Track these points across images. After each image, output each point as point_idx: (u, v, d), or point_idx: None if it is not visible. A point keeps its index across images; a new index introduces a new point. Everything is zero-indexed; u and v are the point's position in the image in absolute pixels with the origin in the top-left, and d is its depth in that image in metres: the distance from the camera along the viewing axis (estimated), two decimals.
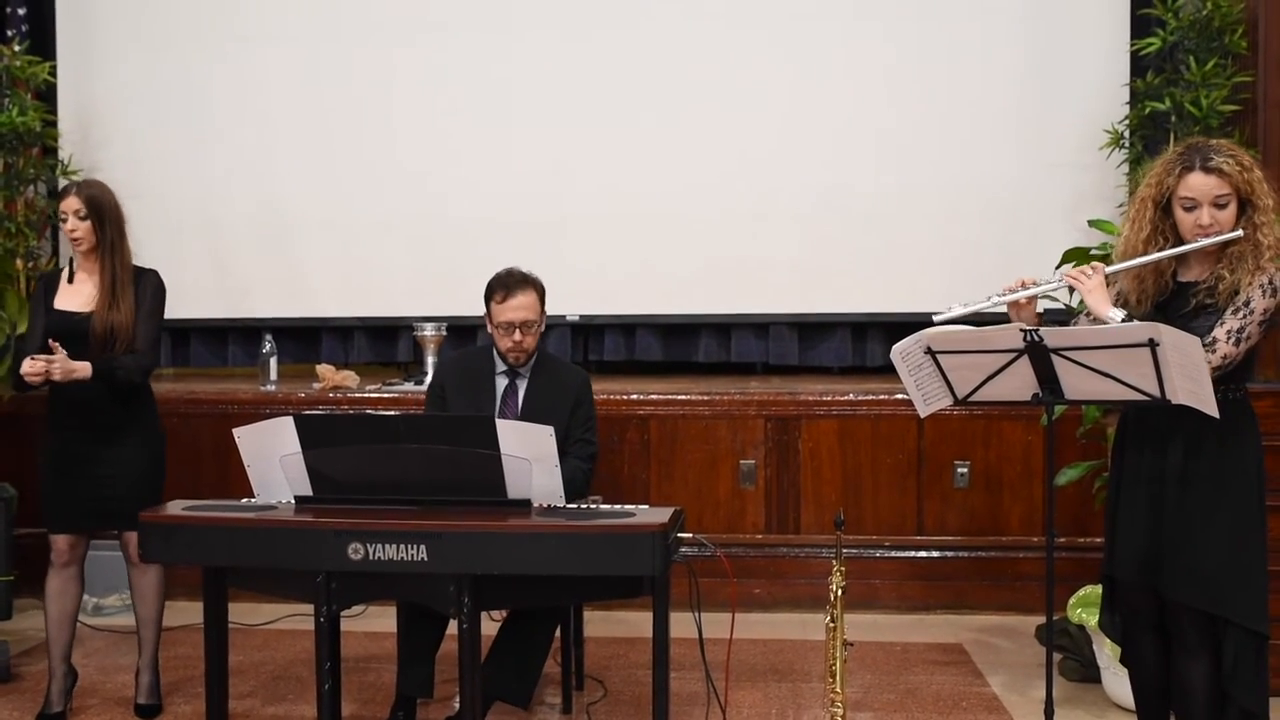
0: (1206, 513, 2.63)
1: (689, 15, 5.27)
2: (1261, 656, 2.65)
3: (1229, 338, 2.56)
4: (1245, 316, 2.57)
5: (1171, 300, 2.70)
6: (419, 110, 5.37)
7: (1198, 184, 2.60)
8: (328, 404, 4.73)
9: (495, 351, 3.51)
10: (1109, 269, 2.71)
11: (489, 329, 3.49)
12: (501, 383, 3.50)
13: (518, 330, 3.41)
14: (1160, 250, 2.67)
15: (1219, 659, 2.66)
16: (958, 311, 2.78)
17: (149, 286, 3.48)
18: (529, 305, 3.42)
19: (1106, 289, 2.67)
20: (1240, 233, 2.59)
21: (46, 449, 3.46)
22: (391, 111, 5.39)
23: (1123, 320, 2.61)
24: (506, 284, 3.43)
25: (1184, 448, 2.64)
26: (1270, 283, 2.58)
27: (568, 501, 3.03)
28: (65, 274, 3.50)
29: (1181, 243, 2.66)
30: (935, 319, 2.80)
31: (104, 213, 3.42)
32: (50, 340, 3.27)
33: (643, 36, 5.29)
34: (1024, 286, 2.74)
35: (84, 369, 3.30)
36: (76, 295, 3.45)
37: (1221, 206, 2.60)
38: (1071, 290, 2.78)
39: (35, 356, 3.27)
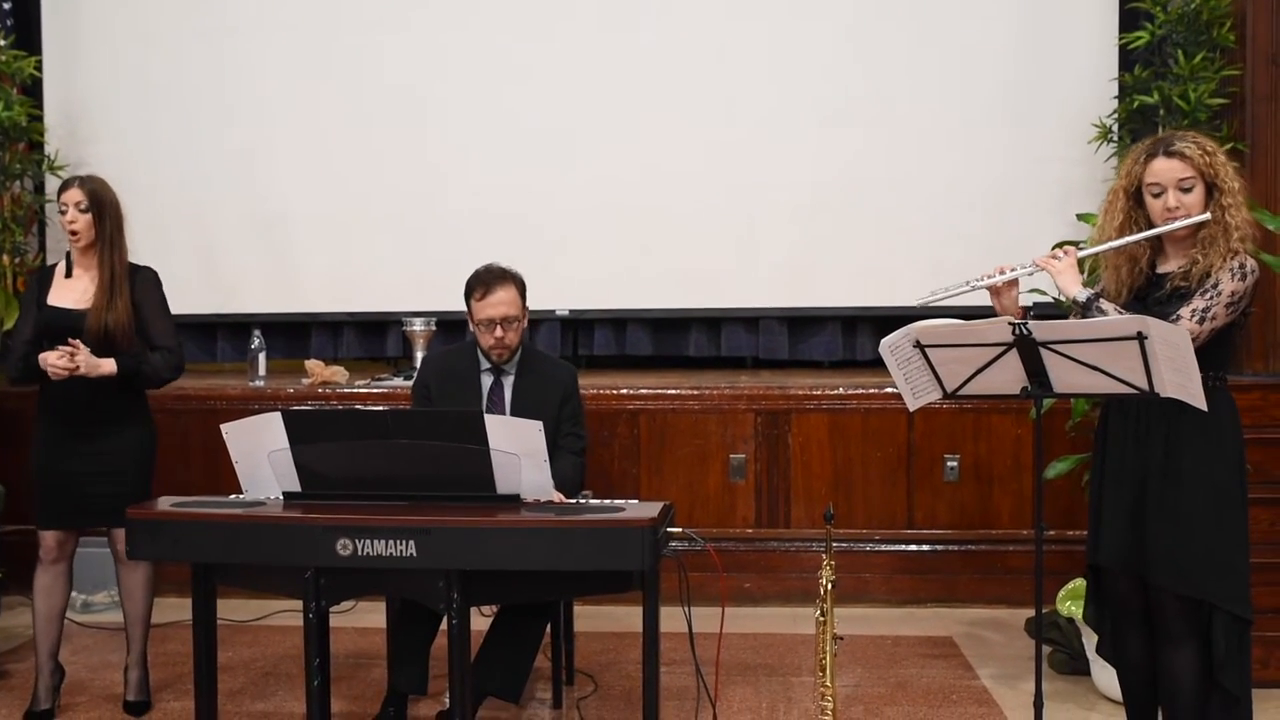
0: (1190, 500, 2.65)
1: (681, 11, 5.25)
2: (1245, 642, 2.68)
3: (1193, 315, 2.61)
4: (1213, 298, 2.61)
5: (1149, 288, 2.74)
6: (409, 104, 5.35)
7: (1161, 169, 2.67)
8: (316, 399, 4.72)
9: (479, 349, 3.47)
10: (1081, 252, 2.78)
11: (471, 327, 3.45)
12: (487, 380, 3.46)
13: (499, 326, 3.35)
14: (1131, 235, 2.73)
15: (1203, 648, 2.68)
16: (940, 296, 2.81)
17: (146, 283, 3.46)
18: (509, 300, 3.36)
19: (1078, 271, 2.74)
20: (1209, 215, 2.64)
21: (38, 443, 3.43)
22: (381, 106, 5.37)
23: (1088, 298, 2.68)
24: (485, 280, 3.37)
25: (1166, 437, 2.67)
26: (1241, 266, 2.62)
27: (567, 496, 3.03)
28: (61, 269, 3.47)
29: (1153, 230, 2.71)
30: (916, 302, 2.89)
31: (105, 208, 3.40)
32: (70, 340, 3.26)
33: (632, 35, 5.28)
34: (1001, 273, 2.80)
35: (109, 365, 3.30)
36: (72, 291, 3.42)
37: (1187, 190, 2.66)
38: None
39: (60, 349, 3.24)
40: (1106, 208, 2.79)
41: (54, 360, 3.24)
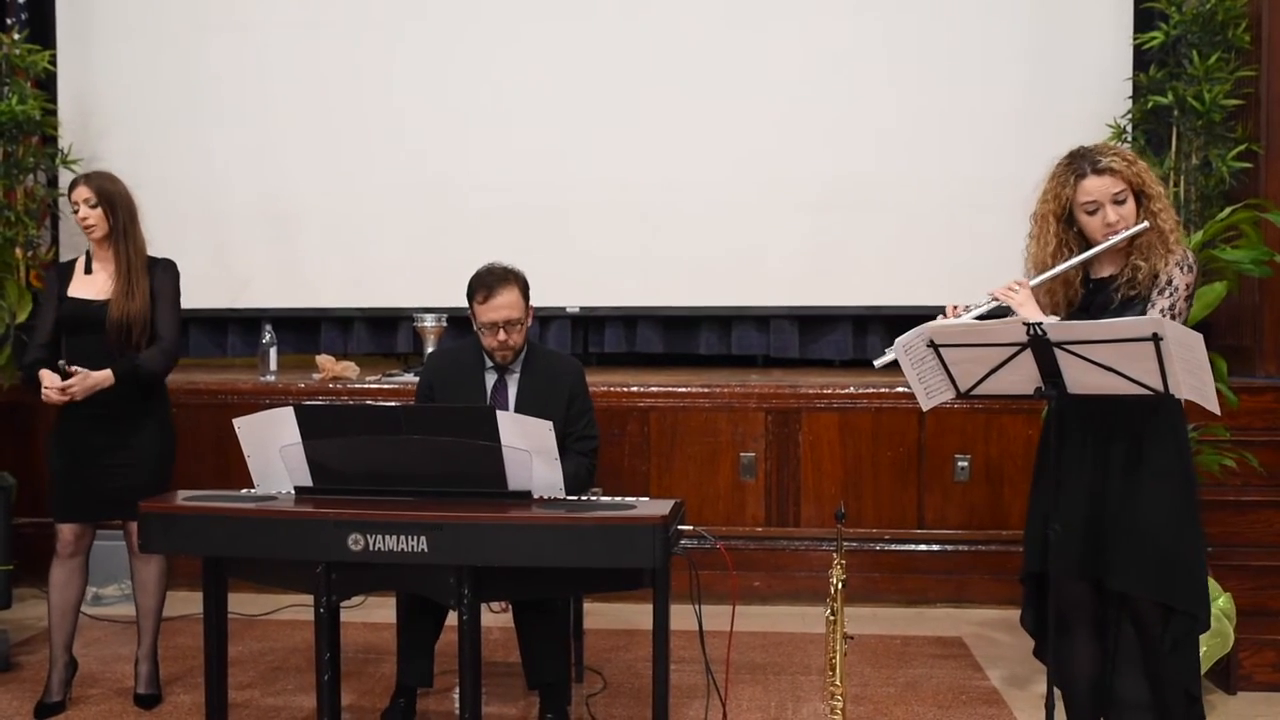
0: (1150, 503, 2.66)
1: (692, 7, 5.26)
2: (1195, 640, 2.72)
3: (1163, 316, 2.61)
4: (1172, 294, 2.66)
5: (1092, 298, 2.76)
6: (421, 101, 5.36)
7: (1094, 187, 2.71)
8: (328, 394, 4.73)
9: (483, 347, 3.44)
10: (1033, 282, 2.77)
11: (475, 327, 3.41)
12: (490, 379, 3.43)
13: (501, 330, 3.32)
14: (1068, 258, 2.75)
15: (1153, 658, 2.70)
16: (903, 347, 2.73)
17: (166, 275, 3.50)
18: (511, 303, 3.32)
19: (1035, 301, 2.73)
20: (1146, 224, 2.69)
21: (60, 436, 3.45)
22: (393, 102, 5.38)
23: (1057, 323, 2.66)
24: (487, 284, 3.33)
25: (1125, 439, 2.68)
26: (1185, 259, 2.69)
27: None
28: (82, 263, 3.51)
29: (1089, 247, 2.73)
30: (877, 364, 2.83)
31: (114, 200, 3.44)
32: (62, 363, 3.31)
33: (645, 28, 5.29)
34: (956, 312, 2.75)
35: (105, 378, 3.33)
36: (92, 284, 3.46)
37: (1121, 202, 2.70)
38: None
39: (49, 387, 3.30)
40: (1037, 234, 2.80)
41: (46, 385, 3.30)
